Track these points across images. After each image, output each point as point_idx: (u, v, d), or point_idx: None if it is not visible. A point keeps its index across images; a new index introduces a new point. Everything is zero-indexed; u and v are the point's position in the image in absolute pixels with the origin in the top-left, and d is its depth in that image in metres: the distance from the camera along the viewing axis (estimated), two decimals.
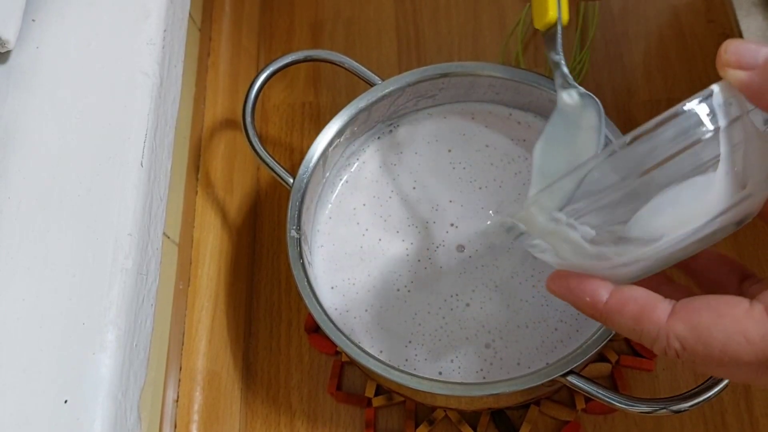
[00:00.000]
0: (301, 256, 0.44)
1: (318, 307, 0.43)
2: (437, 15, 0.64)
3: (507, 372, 0.45)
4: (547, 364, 0.40)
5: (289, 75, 0.62)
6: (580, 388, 0.39)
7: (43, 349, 0.37)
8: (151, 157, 0.44)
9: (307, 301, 0.43)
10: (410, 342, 0.46)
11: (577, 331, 0.45)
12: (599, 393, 0.39)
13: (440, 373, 0.45)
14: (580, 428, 0.48)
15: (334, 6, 0.65)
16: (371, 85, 0.49)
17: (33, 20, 0.46)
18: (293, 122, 0.61)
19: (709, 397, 0.38)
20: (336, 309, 0.47)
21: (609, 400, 0.39)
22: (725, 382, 0.38)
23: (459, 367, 0.45)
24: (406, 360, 0.46)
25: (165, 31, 0.47)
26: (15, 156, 0.42)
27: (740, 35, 0.59)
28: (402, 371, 0.41)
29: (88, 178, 0.42)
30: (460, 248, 0.48)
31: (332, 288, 0.48)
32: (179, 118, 0.49)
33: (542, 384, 0.39)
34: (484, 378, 0.45)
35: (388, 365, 0.41)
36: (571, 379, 0.39)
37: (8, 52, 0.45)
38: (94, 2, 0.47)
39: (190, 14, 0.54)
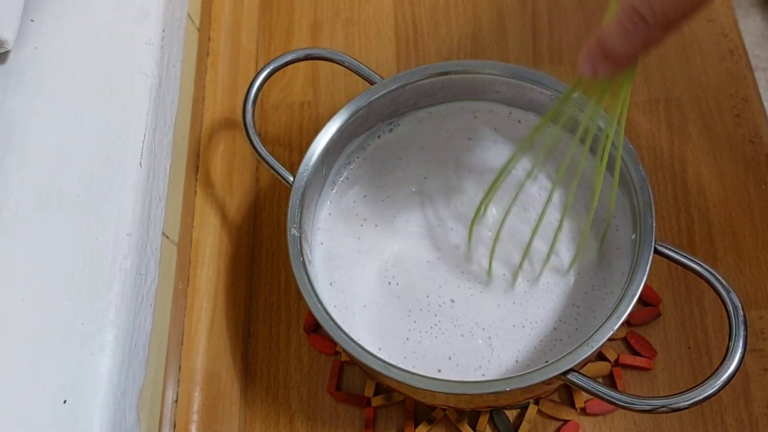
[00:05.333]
0: (301, 254, 0.44)
1: (319, 306, 0.43)
2: (436, 15, 0.64)
3: (506, 370, 0.45)
4: (546, 362, 0.40)
5: (287, 75, 0.62)
6: (581, 386, 0.39)
7: (42, 349, 0.37)
8: (150, 157, 0.44)
9: (307, 299, 0.43)
10: (408, 339, 0.46)
11: (577, 329, 0.45)
12: (600, 391, 0.39)
13: (439, 371, 0.45)
14: (579, 428, 0.48)
15: (333, 6, 0.65)
16: (371, 83, 0.49)
17: (32, 21, 0.46)
18: (292, 122, 0.61)
19: (709, 395, 0.37)
20: (335, 306, 0.47)
21: (609, 398, 0.39)
22: (726, 376, 0.38)
23: (457, 365, 0.45)
24: (405, 357, 0.45)
25: (164, 31, 0.47)
26: (14, 156, 0.42)
27: (739, 34, 0.60)
28: (402, 369, 0.41)
29: (86, 178, 0.42)
30: (458, 247, 0.48)
31: (331, 284, 0.48)
32: (178, 118, 0.49)
33: (542, 382, 0.39)
34: (483, 375, 0.45)
35: (388, 363, 0.41)
36: (572, 377, 0.39)
37: (7, 53, 0.45)
38: (92, 2, 0.47)
39: (188, 14, 0.54)
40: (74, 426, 0.36)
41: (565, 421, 0.48)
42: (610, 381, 0.49)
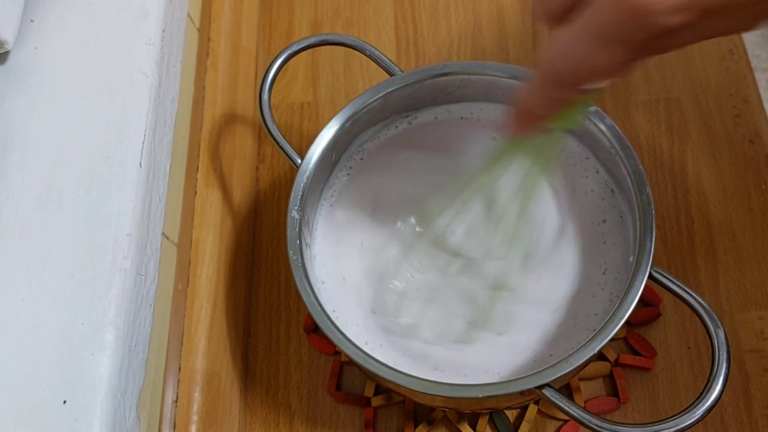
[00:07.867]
0: (299, 237, 0.43)
1: (311, 294, 0.42)
2: (436, 15, 0.64)
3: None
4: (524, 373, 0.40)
5: (287, 75, 0.62)
6: (555, 404, 0.38)
7: (42, 349, 0.37)
8: (150, 157, 0.44)
9: (300, 288, 0.42)
10: (407, 335, 0.46)
11: (556, 340, 0.44)
12: (575, 412, 0.38)
13: (436, 370, 0.45)
14: (579, 427, 0.48)
15: (333, 6, 0.65)
16: (390, 74, 0.48)
17: (32, 21, 0.46)
18: (292, 123, 0.61)
19: (689, 425, 0.37)
20: (335, 299, 0.47)
21: (583, 420, 0.38)
22: (703, 410, 0.37)
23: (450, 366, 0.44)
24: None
25: (164, 31, 0.47)
26: (14, 156, 0.42)
27: (739, 34, 0.60)
28: (396, 371, 0.40)
29: (86, 179, 0.42)
30: (458, 247, 0.48)
31: (332, 275, 0.47)
32: (178, 118, 0.49)
33: (517, 393, 0.39)
34: (465, 375, 0.44)
35: (383, 364, 0.41)
36: (546, 392, 0.38)
37: (7, 53, 0.45)
38: (92, 3, 0.47)
39: (188, 14, 0.54)
40: (74, 426, 0.36)
41: (565, 421, 0.48)
42: (611, 381, 0.49)
